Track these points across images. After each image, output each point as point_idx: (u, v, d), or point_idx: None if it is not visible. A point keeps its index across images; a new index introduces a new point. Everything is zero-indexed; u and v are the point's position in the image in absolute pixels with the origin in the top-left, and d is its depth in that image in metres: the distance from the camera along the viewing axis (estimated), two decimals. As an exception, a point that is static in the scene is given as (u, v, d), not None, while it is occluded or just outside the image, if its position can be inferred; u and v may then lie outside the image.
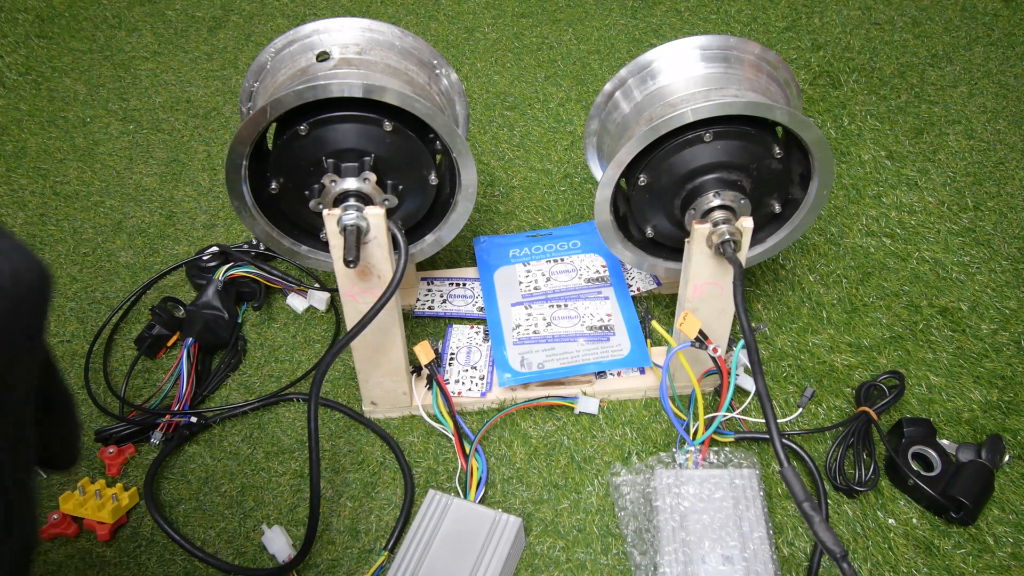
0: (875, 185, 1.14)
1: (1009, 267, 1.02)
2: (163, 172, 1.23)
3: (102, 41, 1.53)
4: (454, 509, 0.76)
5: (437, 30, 1.53)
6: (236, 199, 0.79)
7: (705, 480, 0.75)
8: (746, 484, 0.75)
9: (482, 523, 0.74)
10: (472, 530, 0.74)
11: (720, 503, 0.74)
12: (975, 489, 0.76)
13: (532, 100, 1.35)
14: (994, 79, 1.33)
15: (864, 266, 1.03)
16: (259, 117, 0.73)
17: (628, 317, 0.93)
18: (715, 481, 0.75)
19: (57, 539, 0.79)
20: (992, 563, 0.74)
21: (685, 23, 1.52)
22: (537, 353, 0.89)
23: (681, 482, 0.75)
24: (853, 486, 0.79)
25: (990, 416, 0.86)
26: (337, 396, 0.91)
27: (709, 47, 0.84)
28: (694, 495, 0.74)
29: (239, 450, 0.86)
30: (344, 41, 0.85)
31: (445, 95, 0.91)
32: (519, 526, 0.75)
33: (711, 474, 0.76)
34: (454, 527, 0.74)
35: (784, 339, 0.94)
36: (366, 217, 0.73)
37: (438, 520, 0.75)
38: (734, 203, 0.76)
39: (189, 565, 0.77)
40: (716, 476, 0.76)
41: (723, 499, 0.74)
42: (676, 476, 0.76)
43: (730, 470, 0.76)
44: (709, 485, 0.75)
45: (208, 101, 1.37)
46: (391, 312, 0.80)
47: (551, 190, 1.17)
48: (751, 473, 0.76)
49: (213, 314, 0.94)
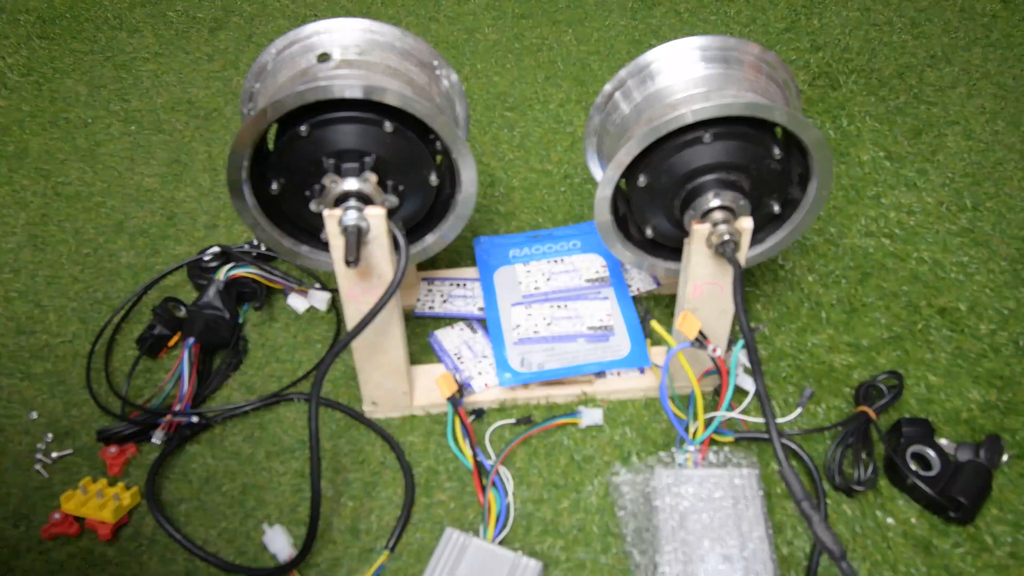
0: (874, 186, 1.15)
1: (1008, 267, 1.02)
2: (164, 173, 1.23)
3: (103, 42, 1.53)
4: (472, 549, 0.73)
5: (437, 31, 1.53)
6: (237, 200, 0.79)
7: (704, 480, 0.75)
8: (745, 484, 0.75)
9: (501, 566, 0.72)
10: (490, 573, 0.72)
11: (720, 503, 0.74)
12: (974, 489, 0.77)
13: (532, 101, 1.35)
14: (992, 80, 1.33)
15: (863, 266, 1.03)
16: (260, 118, 0.74)
17: (628, 317, 0.93)
18: (714, 481, 0.75)
19: (59, 539, 0.80)
20: (991, 562, 0.74)
21: (685, 24, 1.52)
22: (537, 353, 0.90)
23: (680, 482, 0.75)
24: (852, 486, 0.79)
25: (989, 416, 0.86)
26: (338, 396, 0.92)
27: (708, 48, 0.84)
28: (693, 495, 0.75)
29: (240, 450, 0.87)
30: (345, 42, 0.85)
31: (445, 96, 0.91)
32: (539, 571, 0.73)
33: (711, 474, 0.76)
34: (471, 570, 0.72)
35: (783, 339, 0.95)
36: (367, 217, 0.73)
37: (455, 562, 0.73)
38: (733, 203, 0.77)
39: (190, 564, 0.78)
40: (716, 476, 0.76)
41: (723, 499, 0.74)
42: (676, 476, 0.76)
43: (730, 469, 0.76)
44: (708, 485, 0.75)
45: (209, 102, 1.38)
46: (391, 312, 0.80)
47: (551, 190, 1.17)
48: (751, 472, 0.76)
49: (214, 314, 0.94)
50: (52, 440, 0.88)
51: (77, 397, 0.92)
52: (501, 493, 0.80)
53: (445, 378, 0.84)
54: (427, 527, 0.80)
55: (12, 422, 0.90)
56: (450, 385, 0.83)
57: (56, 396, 0.92)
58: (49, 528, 0.79)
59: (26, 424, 0.90)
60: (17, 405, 0.92)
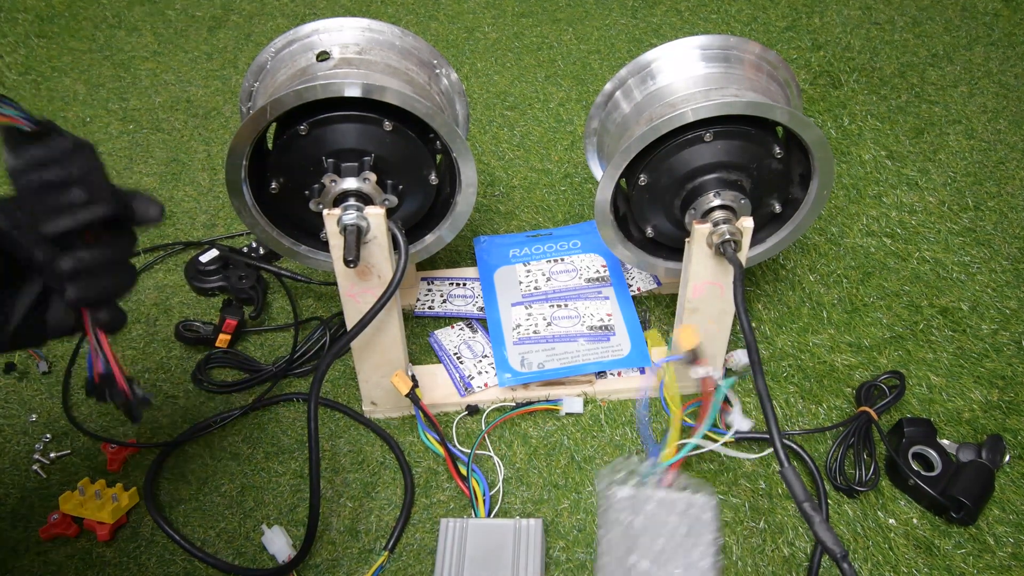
0: (875, 185, 1.14)
1: (1009, 267, 1.02)
2: (163, 172, 1.23)
3: (102, 41, 1.53)
4: (472, 530, 0.75)
5: (437, 30, 1.53)
6: (236, 199, 0.79)
7: (661, 502, 0.74)
8: (699, 512, 0.73)
9: (505, 535, 0.74)
10: (498, 545, 0.73)
11: (673, 528, 0.73)
12: (975, 489, 0.76)
13: (532, 100, 1.35)
14: (994, 79, 1.33)
15: (864, 266, 1.03)
16: (259, 117, 0.73)
17: (628, 317, 0.93)
18: (670, 504, 0.74)
19: (57, 539, 0.79)
20: (992, 563, 0.74)
21: (685, 23, 1.52)
22: (537, 353, 0.89)
23: (638, 501, 0.74)
24: (853, 486, 0.79)
25: (990, 416, 0.86)
26: (337, 396, 0.91)
27: (709, 47, 0.84)
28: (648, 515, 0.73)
29: (239, 450, 0.86)
30: (344, 41, 0.85)
31: (445, 95, 0.91)
32: (540, 527, 0.74)
33: (668, 496, 0.74)
34: (479, 549, 0.73)
35: (784, 339, 0.94)
36: (366, 217, 0.73)
37: (460, 546, 0.73)
38: (734, 203, 0.76)
39: (189, 565, 0.77)
40: (672, 499, 0.74)
41: (676, 524, 0.73)
42: (634, 495, 0.75)
43: (687, 495, 0.75)
44: (665, 507, 0.74)
45: (208, 101, 1.37)
46: (391, 312, 0.80)
47: (551, 190, 1.17)
48: (707, 501, 0.74)
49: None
50: (50, 440, 0.88)
51: (76, 397, 0.92)
52: (482, 478, 0.81)
53: (399, 376, 0.83)
54: (427, 527, 0.79)
55: (11, 423, 0.90)
56: (405, 383, 0.82)
57: (55, 396, 0.92)
58: (47, 529, 0.79)
59: (24, 425, 0.90)
60: (15, 406, 0.92)
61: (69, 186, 0.51)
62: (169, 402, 0.91)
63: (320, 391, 0.75)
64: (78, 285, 0.52)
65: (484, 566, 0.72)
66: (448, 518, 0.76)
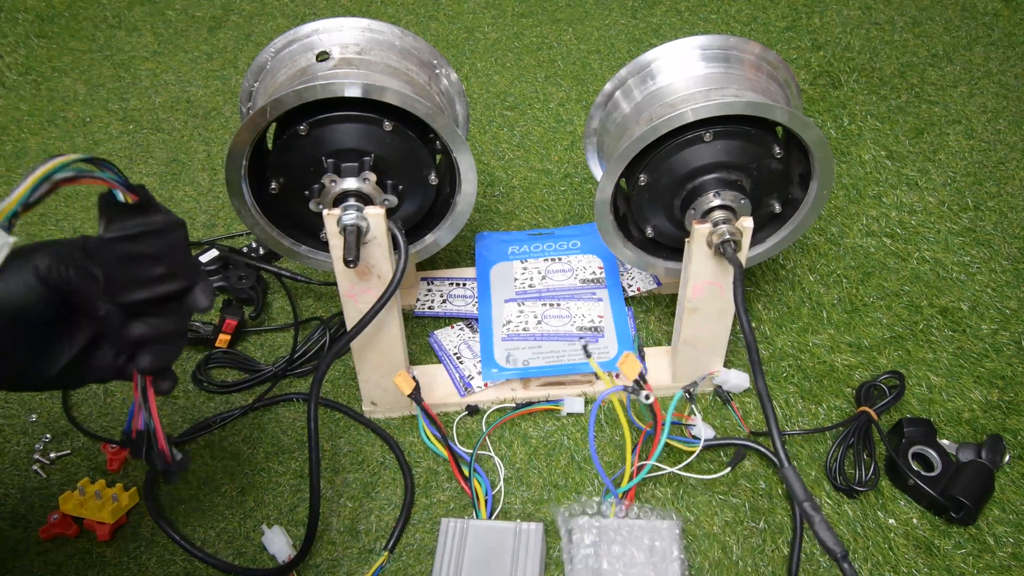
0: (875, 185, 1.14)
1: (1009, 267, 1.02)
2: (163, 172, 1.23)
3: (102, 41, 1.53)
4: (473, 531, 0.74)
5: (437, 30, 1.53)
6: (236, 199, 0.79)
7: (621, 531, 0.74)
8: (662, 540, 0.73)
9: (505, 538, 0.73)
10: (498, 547, 0.73)
11: (634, 558, 0.72)
12: (975, 489, 0.76)
13: (532, 100, 1.35)
14: (994, 79, 1.33)
15: (864, 266, 1.03)
16: (259, 117, 0.73)
17: (619, 320, 0.93)
18: (634, 534, 0.74)
19: (57, 539, 0.79)
20: (992, 563, 0.74)
21: (685, 23, 1.52)
22: (523, 350, 0.89)
23: (600, 532, 0.74)
24: (853, 486, 0.79)
25: (990, 416, 0.86)
26: (337, 396, 0.91)
27: (709, 47, 0.84)
28: (611, 545, 0.73)
29: (239, 450, 0.86)
30: (344, 41, 0.85)
31: (445, 95, 0.91)
32: (541, 530, 0.74)
33: (630, 525, 0.74)
34: (479, 550, 0.73)
35: (784, 339, 0.94)
36: (366, 217, 0.73)
37: (460, 547, 0.73)
38: (734, 203, 0.76)
39: (189, 565, 0.77)
40: (636, 528, 0.74)
41: (636, 554, 0.73)
42: (595, 526, 0.74)
43: (652, 522, 0.74)
44: (623, 536, 0.73)
45: (208, 101, 1.37)
46: (391, 312, 0.80)
47: (551, 190, 1.17)
48: (671, 528, 0.74)
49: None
50: (50, 440, 0.88)
51: (76, 397, 0.92)
52: (484, 479, 0.81)
53: (401, 377, 0.83)
54: (427, 527, 0.79)
55: (11, 423, 0.90)
56: (407, 383, 0.82)
57: (54, 396, 0.92)
58: (47, 529, 0.79)
59: (24, 425, 0.90)
60: (15, 406, 0.92)
61: (157, 261, 0.53)
62: (169, 402, 0.91)
63: (320, 391, 0.75)
64: (151, 353, 0.53)
65: (484, 567, 0.72)
66: (448, 518, 0.76)
